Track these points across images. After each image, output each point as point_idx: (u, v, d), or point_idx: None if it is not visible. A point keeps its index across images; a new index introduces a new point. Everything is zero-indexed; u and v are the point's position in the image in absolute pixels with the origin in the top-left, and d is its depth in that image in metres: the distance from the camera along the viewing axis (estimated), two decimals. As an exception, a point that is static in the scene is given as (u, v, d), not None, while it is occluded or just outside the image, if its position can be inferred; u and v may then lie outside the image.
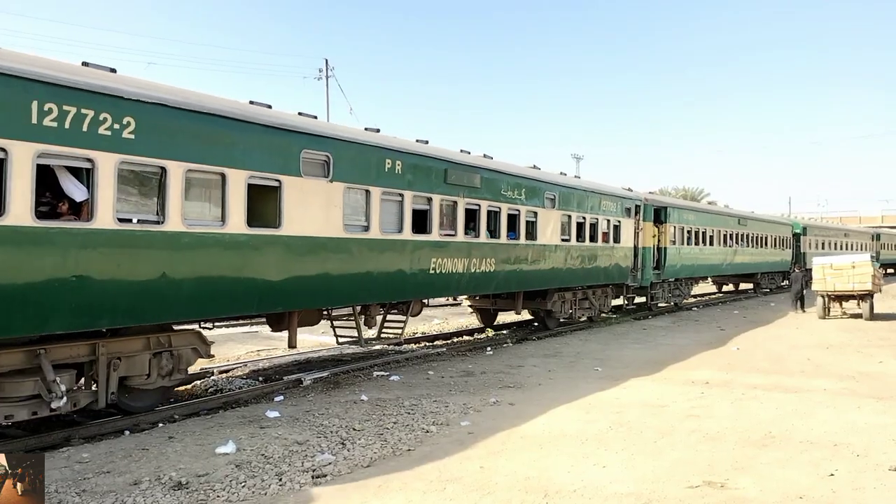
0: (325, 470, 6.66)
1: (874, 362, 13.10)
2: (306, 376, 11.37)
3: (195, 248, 8.78)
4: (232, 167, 9.17)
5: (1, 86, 6.87)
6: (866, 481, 6.30)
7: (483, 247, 14.54)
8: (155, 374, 8.94)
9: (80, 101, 7.51)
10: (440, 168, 13.25)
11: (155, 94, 8.33)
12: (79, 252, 7.56)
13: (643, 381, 11.28)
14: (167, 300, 8.51)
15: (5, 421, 7.45)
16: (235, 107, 9.47)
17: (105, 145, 7.71)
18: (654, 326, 20.05)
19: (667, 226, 24.21)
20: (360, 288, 11.55)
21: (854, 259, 21.80)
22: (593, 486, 6.20)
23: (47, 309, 7.35)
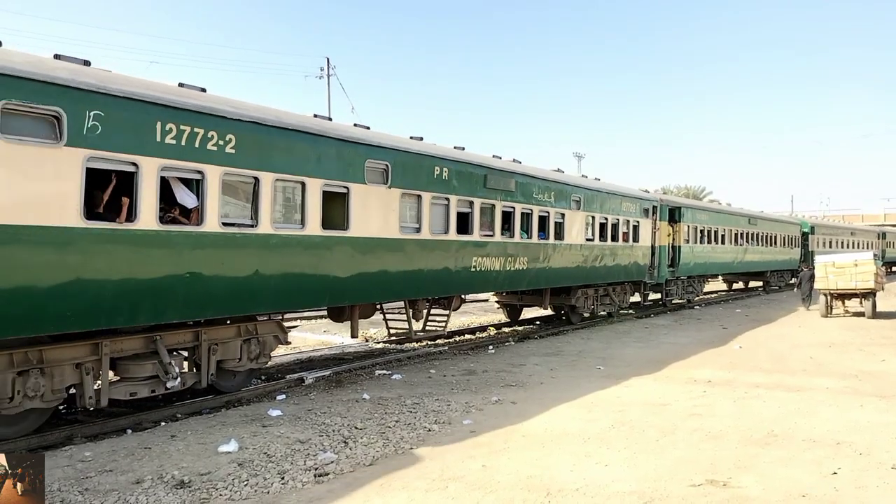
0: (328, 468, 6.66)
1: (877, 361, 13.08)
2: (308, 375, 11.37)
3: (280, 248, 9.96)
4: (310, 176, 10.39)
5: (133, 110, 8.03)
6: (869, 480, 6.29)
7: (517, 246, 15.66)
8: (245, 357, 10.09)
9: (194, 121, 8.69)
10: (480, 174, 14.41)
11: (251, 113, 9.55)
12: (191, 252, 8.75)
13: (645, 380, 11.27)
14: (258, 294, 9.69)
15: (129, 397, 8.63)
16: (312, 122, 10.77)
17: (212, 159, 8.93)
18: (656, 325, 20.04)
19: (681, 225, 25.05)
20: (412, 284, 12.75)
21: (857, 257, 21.78)
22: (595, 484, 6.19)
23: (166, 301, 8.50)
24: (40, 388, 7.63)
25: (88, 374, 8.08)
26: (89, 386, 8.09)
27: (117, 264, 7.97)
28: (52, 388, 7.74)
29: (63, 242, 7.46)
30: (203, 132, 8.79)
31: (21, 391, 7.43)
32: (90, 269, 7.72)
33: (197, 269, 8.80)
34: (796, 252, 38.41)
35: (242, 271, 9.40)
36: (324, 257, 10.66)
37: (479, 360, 13.38)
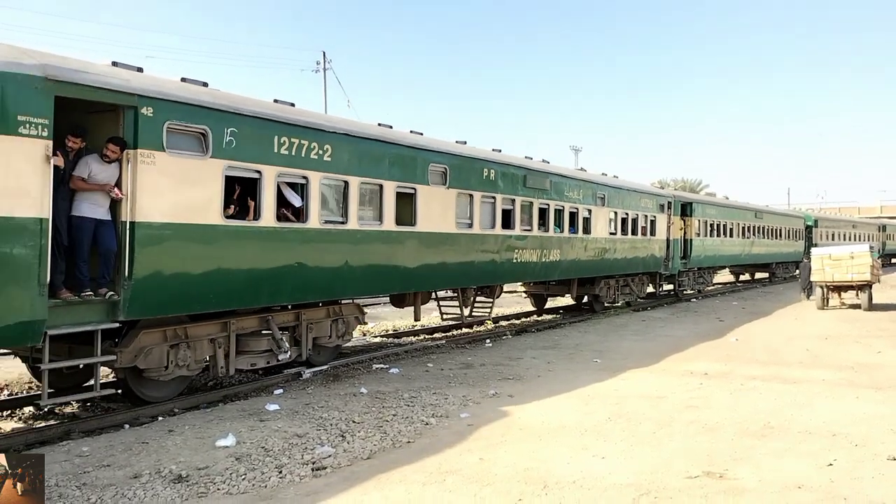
0: (326, 462, 6.67)
1: (873, 353, 13.13)
2: (306, 369, 11.38)
3: (364, 241, 11.49)
4: (386, 179, 11.90)
5: (258, 126, 9.63)
6: (865, 471, 6.32)
7: (551, 240, 17.31)
8: (333, 335, 11.70)
9: (301, 134, 10.22)
10: (520, 174, 16.00)
11: (343, 126, 11.30)
12: (299, 245, 10.30)
13: (642, 373, 11.30)
14: (347, 281, 11.28)
15: (251, 367, 10.31)
16: (388, 133, 12.37)
17: (314, 166, 10.46)
18: (652, 318, 20.08)
19: (692, 219, 26.46)
20: (464, 274, 14.38)
21: (853, 249, 21.79)
22: (593, 477, 6.21)
23: (280, 286, 10.10)
24: (186, 359, 9.18)
25: (220, 347, 9.67)
26: (221, 357, 9.65)
27: (246, 255, 9.54)
28: (194, 358, 9.30)
29: (209, 237, 9.02)
30: (307, 143, 10.37)
31: (173, 361, 8.99)
32: (227, 259, 9.29)
33: (302, 260, 10.37)
34: (801, 245, 39.39)
35: (336, 262, 11.02)
36: (396, 250, 12.24)
37: (476, 354, 13.40)
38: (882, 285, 27.34)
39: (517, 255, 15.86)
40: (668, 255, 24.29)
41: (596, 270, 19.90)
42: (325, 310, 11.64)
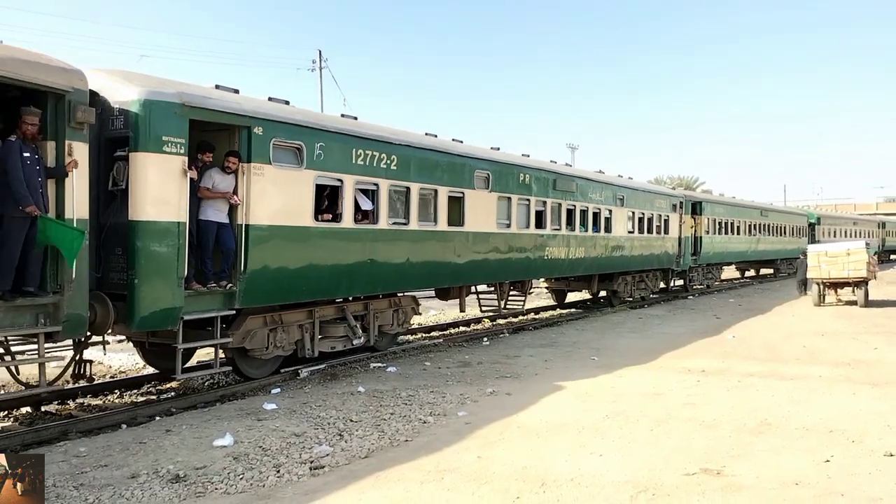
0: (323, 461, 6.67)
1: (869, 349, 13.15)
2: (303, 368, 11.36)
3: (422, 240, 12.98)
4: (440, 185, 13.34)
5: (341, 141, 11.07)
6: (861, 467, 6.33)
7: (577, 238, 18.75)
8: (395, 323, 13.17)
9: (373, 147, 11.68)
10: (551, 178, 17.45)
11: (405, 139, 12.66)
12: (371, 244, 11.74)
13: (639, 370, 11.31)
14: (408, 276, 12.75)
15: (331, 349, 11.69)
16: (440, 143, 13.86)
17: (383, 175, 11.91)
18: (649, 315, 20.09)
19: (702, 218, 27.75)
20: (503, 269, 15.83)
21: (849, 246, 21.83)
22: (590, 474, 6.22)
23: (355, 280, 11.56)
24: (282, 341, 10.66)
25: (307, 332, 11.15)
26: (307, 340, 11.12)
27: (330, 253, 11.00)
28: (288, 341, 10.76)
29: (303, 237, 10.48)
30: (378, 154, 11.79)
31: (272, 342, 10.48)
32: (316, 256, 10.76)
33: (373, 257, 11.82)
34: (804, 242, 39.84)
35: (399, 258, 12.46)
36: (448, 247, 13.71)
37: (474, 352, 13.40)
38: (878, 282, 27.39)
39: (548, 252, 17.29)
40: (679, 252, 25.59)
41: (615, 267, 21.37)
42: (387, 301, 13.11)
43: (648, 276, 24.36)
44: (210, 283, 9.33)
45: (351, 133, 11.38)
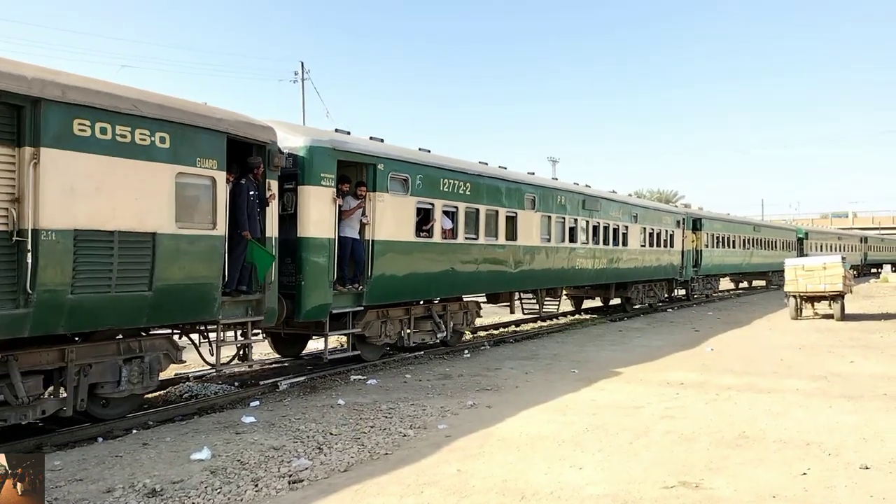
0: (302, 475, 6.62)
1: (846, 362, 13.29)
2: (283, 381, 11.30)
3: (487, 252, 15.66)
4: (500, 206, 16.11)
5: (433, 173, 13.87)
6: (838, 480, 6.38)
7: (601, 251, 21.48)
8: (464, 322, 15.75)
9: (454, 176, 14.49)
10: (580, 199, 20.32)
11: (475, 169, 15.56)
12: (452, 255, 14.42)
13: (619, 383, 11.35)
14: (477, 282, 15.58)
15: (421, 341, 14.38)
16: (499, 171, 16.66)
17: (461, 199, 14.70)
18: (629, 328, 20.19)
19: (701, 233, 30.56)
20: (543, 277, 18.40)
21: (825, 260, 22.06)
22: (570, 487, 6.23)
23: (440, 285, 14.33)
24: (390, 332, 13.27)
25: (405, 326, 13.76)
26: (406, 333, 13.77)
27: (425, 263, 13.64)
28: (393, 331, 13.41)
29: (407, 250, 13.16)
30: (457, 182, 14.54)
31: (383, 332, 13.13)
32: (416, 265, 13.38)
33: (453, 266, 14.46)
34: (794, 255, 41.77)
35: (471, 267, 15.09)
36: (505, 258, 16.35)
37: (454, 365, 13.39)
38: (854, 295, 27.75)
39: (578, 263, 20.07)
40: (682, 263, 28.50)
41: (630, 276, 24.07)
42: (458, 303, 15.49)
43: (657, 285, 27.04)
44: (347, 286, 11.99)
45: (439, 166, 14.18)
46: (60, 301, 7.39)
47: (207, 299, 9.10)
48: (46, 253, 7.21)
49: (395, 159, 12.91)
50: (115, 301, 7.96)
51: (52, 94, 7.24)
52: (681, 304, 29.23)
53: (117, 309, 8.02)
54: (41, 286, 7.18)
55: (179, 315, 8.95)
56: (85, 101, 7.55)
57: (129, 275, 8.08)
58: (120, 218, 7.93)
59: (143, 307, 8.28)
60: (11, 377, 7.35)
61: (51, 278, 7.28)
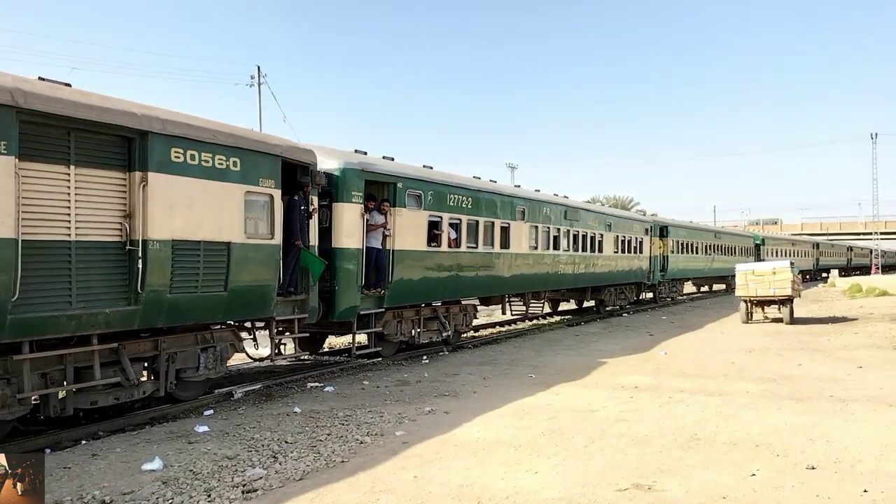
0: (256, 485, 6.53)
1: (794, 365, 13.63)
2: (238, 389, 11.14)
3: (486, 260, 17.30)
4: (496, 218, 17.68)
5: (441, 190, 15.29)
6: (785, 480, 6.54)
7: (581, 257, 23.29)
8: (463, 323, 17.37)
9: (459, 192, 16.03)
10: (563, 210, 22.05)
11: (475, 185, 17.10)
12: (456, 262, 15.93)
13: (575, 387, 11.47)
14: (476, 286, 17.20)
15: (429, 339, 15.84)
16: (495, 186, 18.42)
17: (464, 212, 16.20)
18: (586, 333, 20.42)
19: (668, 240, 32.57)
20: (531, 281, 20.03)
21: (775, 265, 22.63)
22: (526, 492, 6.27)
23: (445, 289, 15.88)
24: (404, 330, 14.84)
25: (416, 326, 15.37)
26: (417, 332, 15.35)
27: (434, 269, 15.13)
28: (406, 330, 14.96)
29: (420, 258, 14.65)
30: (460, 197, 16.06)
31: (398, 331, 14.69)
32: (427, 272, 14.93)
33: (457, 272, 16.04)
34: (752, 260, 44.24)
35: (472, 273, 16.65)
36: (500, 265, 17.91)
37: (412, 371, 13.37)
38: (803, 300, 28.52)
39: (560, 268, 21.73)
40: (650, 268, 30.48)
41: (605, 280, 25.92)
42: (458, 305, 16.98)
43: (627, 288, 29.16)
44: (372, 290, 13.36)
45: (446, 183, 15.74)
46: (162, 299, 8.81)
47: (267, 299, 10.61)
48: (152, 259, 8.60)
49: (412, 178, 14.52)
50: (201, 299, 9.46)
51: (156, 128, 8.67)
52: (636, 310, 29.68)
53: (202, 306, 9.53)
54: (148, 287, 8.58)
55: (246, 312, 10.54)
56: (179, 132, 9.02)
57: (210, 278, 9.54)
58: (205, 230, 9.40)
59: (220, 305, 9.79)
60: (122, 363, 8.81)
61: (155, 280, 8.67)
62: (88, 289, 8.07)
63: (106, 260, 8.31)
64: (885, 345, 16.42)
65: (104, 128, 8.18)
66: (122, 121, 8.31)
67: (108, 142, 8.34)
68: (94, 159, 8.19)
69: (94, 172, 8.18)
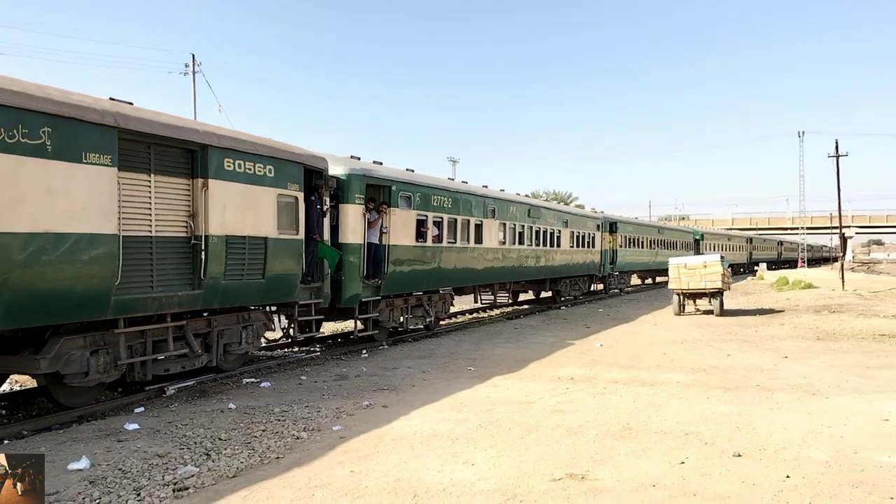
0: (188, 483, 6.39)
1: (723, 355, 14.07)
2: (170, 386, 10.86)
3: (462, 253, 19.41)
4: (471, 216, 19.84)
5: (426, 192, 17.49)
6: (713, 468, 6.74)
7: (542, 252, 25.81)
8: (442, 311, 19.43)
9: (443, 194, 18.32)
10: (527, 208, 24.55)
11: (457, 187, 19.58)
12: (438, 256, 17.99)
13: (513, 379, 11.59)
14: (454, 277, 19.18)
15: (416, 325, 18.05)
16: (470, 188, 20.63)
17: (445, 211, 18.35)
18: (525, 325, 20.65)
19: (616, 234, 35.32)
20: (500, 273, 22.35)
21: (706, 259, 23.33)
22: (462, 484, 6.30)
23: (430, 279, 17.84)
24: (395, 317, 16.75)
25: (404, 313, 17.27)
26: (405, 318, 17.21)
27: (420, 262, 17.22)
28: (396, 317, 16.80)
29: (409, 252, 16.68)
30: (443, 198, 18.32)
31: (390, 317, 16.52)
32: (414, 264, 16.94)
33: (440, 265, 18.14)
34: (692, 254, 45.87)
35: (451, 265, 18.78)
36: (474, 258, 20.16)
37: (351, 365, 13.29)
38: (732, 292, 29.46)
39: (524, 261, 24.11)
40: (601, 262, 33.39)
41: (562, 272, 28.53)
42: (438, 294, 18.85)
43: (581, 280, 31.83)
44: (371, 280, 15.19)
45: (431, 185, 17.92)
46: (218, 285, 10.71)
47: (293, 285, 12.59)
48: (212, 252, 10.49)
49: (403, 181, 16.57)
50: (246, 286, 11.39)
51: (214, 142, 10.58)
52: (574, 302, 30.18)
53: (246, 291, 11.50)
54: (209, 274, 10.46)
55: (278, 297, 12.44)
56: (230, 145, 10.93)
57: (252, 267, 11.44)
58: (248, 227, 11.31)
59: (259, 290, 11.78)
60: (188, 338, 10.68)
61: (214, 269, 10.56)
62: (165, 276, 9.94)
63: (177, 252, 10.17)
64: (809, 336, 17.11)
65: (175, 142, 9.99)
66: (189, 136, 10.16)
67: (177, 154, 10.15)
68: (167, 168, 10.01)
69: (167, 179, 10.00)
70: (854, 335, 16.93)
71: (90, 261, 8.60)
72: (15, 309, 7.85)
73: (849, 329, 18.09)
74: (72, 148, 8.32)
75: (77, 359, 8.95)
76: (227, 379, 11.78)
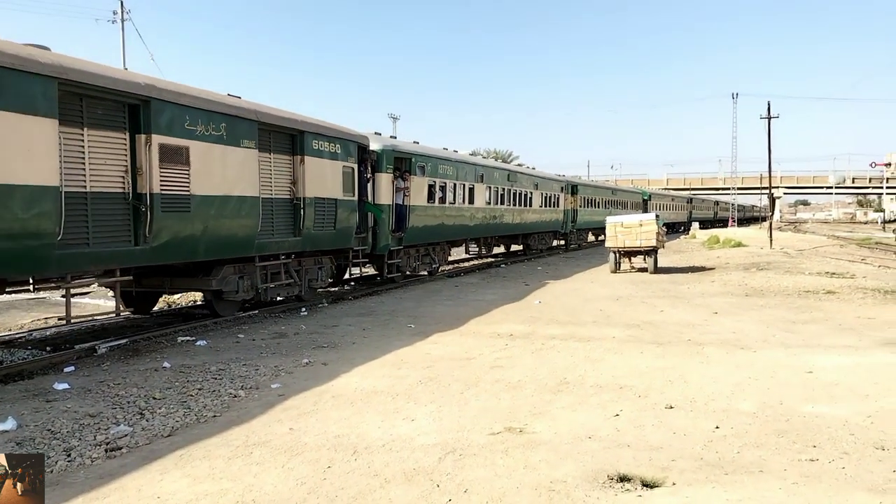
0: (121, 442, 6.25)
1: (657, 311, 14.45)
2: (101, 344, 10.57)
3: (459, 212, 24.02)
4: (467, 181, 24.70)
5: (433, 161, 22.03)
6: (646, 420, 6.93)
7: (518, 211, 30.54)
8: (442, 260, 23.87)
9: (446, 163, 23.21)
10: (507, 174, 29.81)
11: (458, 156, 25.45)
12: (443, 214, 22.58)
13: (453, 336, 11.67)
14: (455, 232, 24.18)
15: (424, 272, 22.56)
16: (466, 157, 26.76)
17: (450, 176, 23.16)
18: (465, 283, 20.79)
19: (577, 196, 40.49)
20: (486, 229, 27.10)
21: (641, 218, 23.78)
22: (402, 439, 6.33)
23: (436, 233, 22.38)
24: (411, 262, 21.16)
25: (416, 259, 21.55)
26: (416, 264, 21.67)
27: (431, 219, 21.62)
28: (411, 263, 21.18)
29: (424, 210, 21.11)
30: (447, 167, 22.76)
31: (407, 264, 20.92)
32: (427, 221, 21.31)
33: (443, 221, 22.55)
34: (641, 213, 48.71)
35: (451, 222, 23.15)
36: (467, 216, 24.61)
37: (290, 323, 13.16)
38: (666, 250, 30.21)
39: (506, 219, 28.87)
40: (564, 220, 38.16)
41: (533, 229, 33.46)
42: (439, 246, 23.10)
43: (547, 236, 36.75)
44: (397, 233, 19.20)
45: (439, 156, 22.32)
46: (310, 234, 14.82)
47: (350, 235, 16.70)
48: (307, 210, 14.56)
49: (419, 154, 20.87)
50: (324, 235, 15.42)
51: (307, 128, 14.76)
52: (514, 260, 30.49)
53: (324, 239, 15.55)
54: (305, 227, 14.59)
55: (342, 244, 16.43)
56: (315, 130, 15.08)
57: (328, 221, 15.43)
58: (327, 191, 15.39)
59: (331, 239, 15.81)
60: (290, 272, 14.84)
61: (308, 223, 14.66)
62: (281, 227, 14.07)
63: (286, 210, 14.28)
64: (737, 292, 17.71)
65: (284, 129, 14.15)
66: (292, 124, 14.31)
67: (284, 138, 14.29)
68: (278, 148, 14.10)
69: (279, 157, 14.14)
70: (780, 292, 17.59)
71: (247, 215, 12.80)
72: (210, 248, 12.01)
73: (776, 286, 18.78)
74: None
75: (232, 281, 13.05)
76: (161, 337, 11.53)
